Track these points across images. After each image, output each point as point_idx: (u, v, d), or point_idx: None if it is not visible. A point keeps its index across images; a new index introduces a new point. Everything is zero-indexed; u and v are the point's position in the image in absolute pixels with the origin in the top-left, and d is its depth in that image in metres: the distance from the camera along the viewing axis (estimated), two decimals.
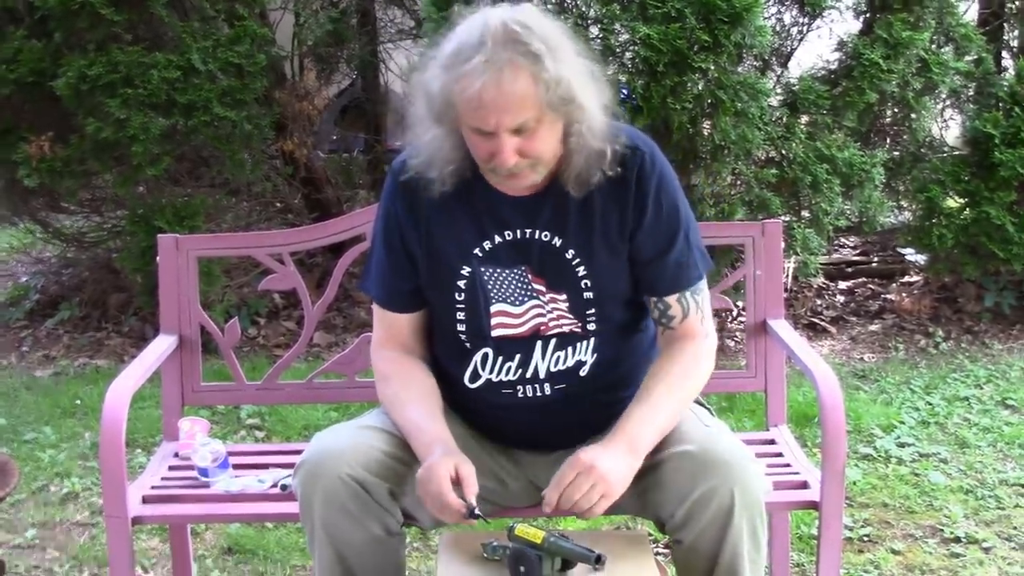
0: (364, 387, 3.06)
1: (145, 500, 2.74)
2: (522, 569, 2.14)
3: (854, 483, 3.91)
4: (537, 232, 2.35)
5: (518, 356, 2.39)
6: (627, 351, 2.46)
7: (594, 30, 4.83)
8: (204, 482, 2.82)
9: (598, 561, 2.13)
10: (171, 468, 2.94)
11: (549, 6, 4.88)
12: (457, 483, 2.21)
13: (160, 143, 5.08)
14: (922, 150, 5.72)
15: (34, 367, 5.45)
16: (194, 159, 5.64)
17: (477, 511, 2.19)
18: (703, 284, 2.44)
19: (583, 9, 4.91)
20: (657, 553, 2.49)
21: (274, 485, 2.76)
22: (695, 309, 2.41)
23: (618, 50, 4.74)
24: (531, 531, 2.15)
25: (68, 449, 4.35)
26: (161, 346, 2.96)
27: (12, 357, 5.60)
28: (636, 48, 4.62)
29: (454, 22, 2.26)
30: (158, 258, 3.04)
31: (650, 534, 2.58)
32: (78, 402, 4.84)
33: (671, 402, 2.32)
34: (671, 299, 2.40)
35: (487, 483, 2.37)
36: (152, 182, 5.46)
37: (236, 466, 2.90)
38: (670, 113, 4.54)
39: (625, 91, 4.55)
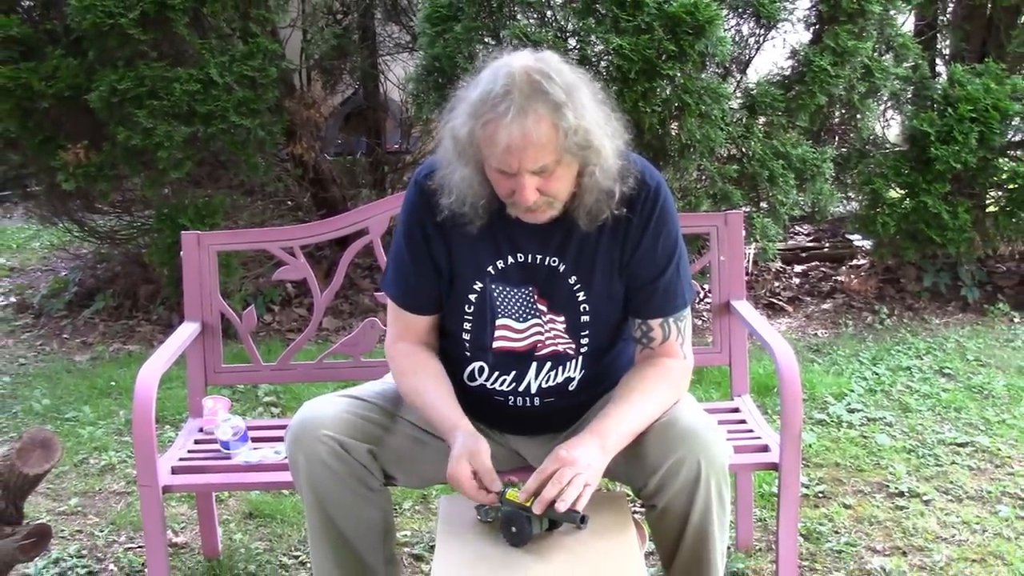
0: (368, 367, 3.05)
1: (174, 471, 2.74)
2: (513, 529, 2.13)
3: (809, 446, 3.91)
4: (547, 258, 2.30)
5: (513, 372, 2.37)
6: (612, 365, 2.42)
7: (572, 42, 4.81)
8: (226, 454, 2.82)
9: (582, 521, 2.12)
10: (196, 442, 2.94)
11: (531, 21, 4.86)
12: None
13: (183, 149, 5.05)
14: (867, 147, 5.72)
15: (73, 352, 5.43)
16: (213, 163, 5.61)
17: (503, 497, 2.17)
18: (687, 312, 2.38)
19: (562, 23, 4.89)
20: (634, 512, 2.48)
21: None
22: (676, 334, 2.36)
23: (594, 59, 4.72)
24: (516, 493, 2.14)
25: (105, 426, 4.33)
26: (186, 332, 2.94)
27: (54, 344, 5.58)
28: (610, 58, 4.60)
29: (479, 67, 2.19)
30: (182, 253, 3.03)
31: (628, 495, 2.57)
32: (113, 384, 4.83)
33: (643, 406, 2.25)
34: (654, 323, 2.34)
35: None
36: (176, 184, 5.43)
37: (255, 439, 2.90)
38: (641, 116, 4.53)
39: None
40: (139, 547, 3.31)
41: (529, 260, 2.31)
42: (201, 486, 2.88)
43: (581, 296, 2.33)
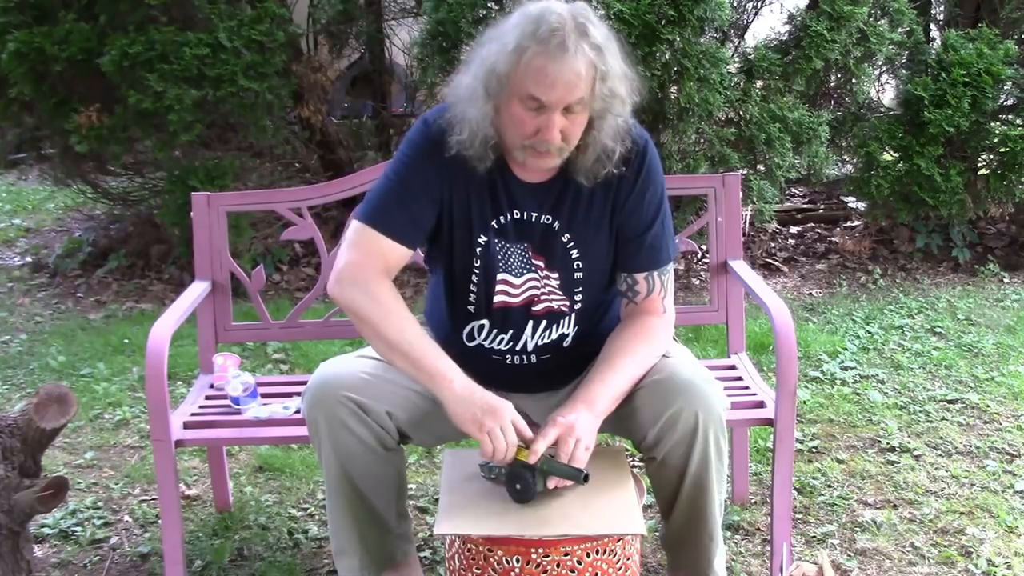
0: None
1: (186, 426, 2.73)
2: (518, 487, 2.14)
3: (804, 402, 3.91)
4: (541, 216, 2.29)
5: (511, 331, 2.35)
6: (603, 321, 2.41)
7: None
8: (236, 409, 2.81)
9: (585, 479, 2.13)
10: (207, 398, 2.93)
11: None
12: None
13: (193, 112, 5.03)
14: (862, 110, 5.69)
15: (88, 311, 5.42)
16: (223, 126, 5.59)
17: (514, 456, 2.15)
18: (670, 267, 2.38)
19: None
20: (633, 466, 2.48)
21: (297, 411, 2.74)
22: (659, 288, 2.35)
23: None
24: (525, 452, 2.14)
25: (119, 382, 4.33)
26: (196, 291, 2.93)
27: (69, 302, 5.58)
28: (611, 22, 4.56)
29: (510, 12, 2.19)
30: (193, 213, 3.01)
31: (627, 449, 2.57)
32: (126, 341, 4.83)
33: (627, 369, 2.24)
34: (640, 276, 2.34)
35: None
36: (186, 147, 5.41)
37: (264, 395, 2.90)
38: (641, 79, 4.49)
39: None
40: (153, 499, 3.32)
41: (525, 218, 2.30)
42: (212, 440, 2.87)
43: (575, 254, 2.32)
